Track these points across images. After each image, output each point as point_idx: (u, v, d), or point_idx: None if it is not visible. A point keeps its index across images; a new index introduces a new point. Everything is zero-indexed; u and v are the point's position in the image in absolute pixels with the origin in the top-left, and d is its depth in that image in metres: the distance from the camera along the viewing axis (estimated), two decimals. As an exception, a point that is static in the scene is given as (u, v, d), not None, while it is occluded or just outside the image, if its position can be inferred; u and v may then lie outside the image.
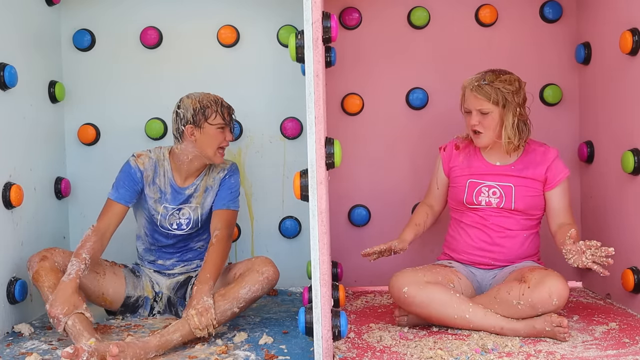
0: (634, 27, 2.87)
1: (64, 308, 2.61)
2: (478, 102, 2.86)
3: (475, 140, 2.93)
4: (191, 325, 2.63)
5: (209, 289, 2.74)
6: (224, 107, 2.97)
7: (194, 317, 2.63)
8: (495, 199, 2.93)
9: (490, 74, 2.90)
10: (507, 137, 2.88)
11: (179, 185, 3.04)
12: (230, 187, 3.05)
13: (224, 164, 3.09)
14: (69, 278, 2.70)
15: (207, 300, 2.69)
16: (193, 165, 3.03)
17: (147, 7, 3.51)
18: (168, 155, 3.06)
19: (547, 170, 2.93)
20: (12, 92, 2.93)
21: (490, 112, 2.86)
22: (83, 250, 2.79)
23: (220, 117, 2.94)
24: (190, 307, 2.68)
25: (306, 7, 2.25)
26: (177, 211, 3.04)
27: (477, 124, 2.88)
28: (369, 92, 3.53)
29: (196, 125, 2.93)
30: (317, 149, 2.28)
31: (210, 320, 2.65)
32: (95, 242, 2.83)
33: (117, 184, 2.99)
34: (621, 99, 3.04)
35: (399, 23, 3.51)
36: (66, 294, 2.65)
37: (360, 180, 3.55)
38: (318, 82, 2.27)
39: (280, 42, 3.51)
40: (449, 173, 3.06)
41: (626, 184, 3.00)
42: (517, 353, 2.48)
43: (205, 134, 2.94)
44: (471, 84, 2.89)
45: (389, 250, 2.91)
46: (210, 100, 2.96)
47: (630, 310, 2.99)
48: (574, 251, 2.65)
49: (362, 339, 2.69)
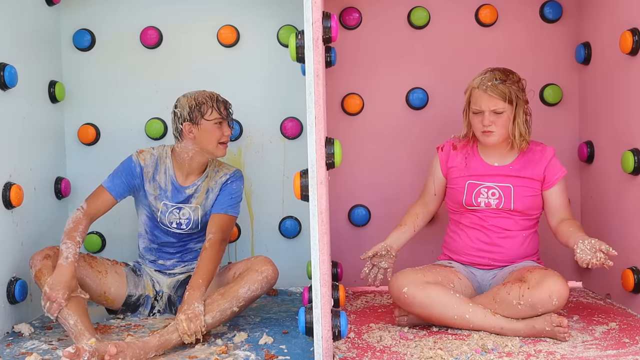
0: (634, 27, 2.87)
1: (65, 293, 2.64)
2: (493, 101, 2.85)
3: (485, 140, 2.91)
4: (179, 330, 2.61)
5: (200, 295, 2.73)
6: (220, 102, 2.97)
7: (182, 323, 2.62)
8: (495, 200, 2.93)
9: (498, 73, 2.88)
10: (520, 133, 2.88)
11: (180, 184, 3.05)
12: (231, 193, 3.04)
13: (228, 170, 3.09)
14: (68, 262, 2.71)
15: (197, 306, 2.68)
16: (194, 162, 3.03)
17: (147, 7, 3.51)
18: (170, 153, 3.07)
19: (545, 169, 2.93)
20: (12, 92, 2.93)
21: (504, 111, 2.85)
22: (77, 233, 2.81)
23: (217, 112, 2.94)
24: (180, 312, 2.67)
25: (306, 7, 2.25)
26: (177, 210, 3.04)
27: (490, 124, 2.86)
28: (369, 92, 3.53)
29: (193, 122, 2.94)
30: (317, 149, 2.28)
31: (199, 327, 2.63)
32: (86, 226, 2.86)
33: (113, 174, 3.01)
34: (621, 99, 3.04)
35: (399, 23, 3.51)
36: (66, 278, 2.68)
37: (360, 180, 3.55)
38: (318, 82, 2.27)
39: (280, 42, 3.51)
40: (447, 173, 3.06)
41: (626, 184, 3.00)
42: (517, 353, 2.48)
43: (203, 130, 2.95)
44: (483, 84, 2.86)
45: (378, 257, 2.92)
46: (206, 97, 2.96)
47: (630, 310, 2.99)
48: (587, 250, 2.65)
49: (362, 339, 2.69)
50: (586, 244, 2.66)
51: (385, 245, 2.93)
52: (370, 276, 2.92)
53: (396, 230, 3.04)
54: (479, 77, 2.90)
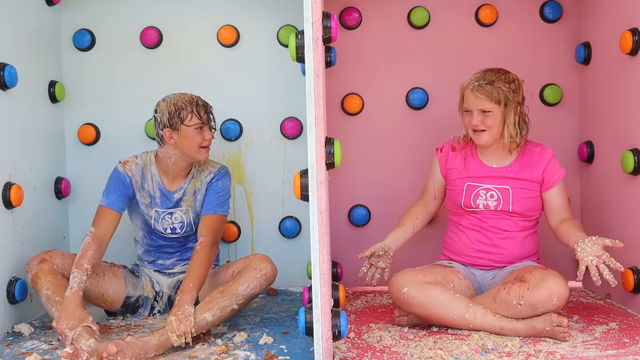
0: (634, 27, 2.87)
1: (69, 323, 2.60)
2: (480, 101, 2.86)
3: (476, 139, 2.92)
4: (168, 330, 2.59)
5: (191, 298, 2.71)
6: (200, 107, 2.95)
7: (172, 323, 2.60)
8: (493, 202, 2.93)
9: (489, 73, 2.90)
10: (510, 135, 2.88)
11: (168, 189, 3.04)
12: (217, 191, 3.03)
13: (213, 167, 3.08)
14: (72, 292, 2.69)
15: (187, 308, 2.67)
16: (178, 166, 3.02)
17: (147, 7, 3.51)
18: (154, 159, 3.06)
19: (544, 171, 2.93)
20: (12, 92, 2.93)
21: (492, 111, 2.86)
22: (84, 260, 2.79)
23: (197, 117, 2.93)
24: (170, 314, 2.66)
25: (306, 7, 2.25)
26: (168, 215, 3.04)
27: (479, 123, 2.87)
28: (369, 92, 3.53)
29: (173, 128, 2.93)
30: (317, 149, 2.28)
31: (188, 328, 2.61)
32: (95, 250, 2.84)
33: (107, 191, 2.99)
34: (621, 99, 3.04)
35: (399, 23, 3.51)
36: (70, 308, 2.64)
37: (360, 180, 3.55)
38: (318, 82, 2.27)
39: (280, 42, 3.51)
40: (446, 175, 3.06)
41: (626, 184, 3.00)
42: (517, 353, 2.48)
43: (184, 136, 2.93)
44: (471, 84, 2.89)
45: (376, 257, 2.93)
46: (185, 102, 2.94)
47: (630, 310, 2.99)
48: (588, 248, 2.65)
49: (362, 339, 2.69)
50: (587, 242, 2.66)
51: (383, 245, 2.94)
52: (367, 275, 2.92)
53: (395, 230, 3.04)
54: (469, 77, 2.92)
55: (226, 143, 3.55)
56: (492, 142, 2.92)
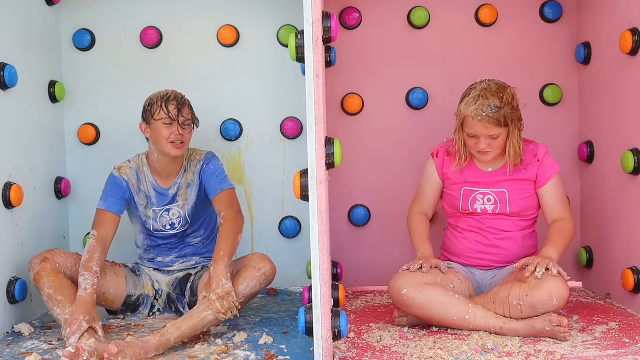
0: (634, 27, 2.87)
1: (85, 316, 2.62)
2: (488, 130, 2.80)
3: (482, 158, 2.90)
4: (213, 310, 2.64)
5: (224, 267, 2.75)
6: (169, 102, 2.97)
7: (215, 303, 2.65)
8: (491, 206, 2.93)
9: (491, 97, 2.79)
10: (515, 151, 2.87)
11: (162, 187, 3.07)
12: (214, 173, 3.06)
13: (200, 155, 3.11)
14: (87, 293, 2.72)
15: (226, 283, 2.70)
16: (164, 163, 3.05)
17: (147, 7, 3.51)
18: (146, 160, 3.10)
19: (537, 168, 2.93)
20: (12, 92, 2.93)
21: (500, 135, 2.84)
22: (92, 263, 2.81)
23: (164, 112, 2.96)
24: (210, 292, 2.68)
25: (306, 7, 2.25)
26: (166, 212, 3.07)
27: (486, 147, 2.84)
28: (369, 92, 3.53)
29: (146, 122, 3.01)
30: (317, 149, 2.28)
31: (232, 303, 2.67)
32: (101, 252, 2.87)
33: (105, 195, 3.02)
34: (621, 99, 3.04)
35: (399, 23, 3.51)
36: (87, 307, 2.67)
37: (360, 180, 3.55)
38: (318, 82, 2.27)
39: (280, 42, 3.51)
40: (444, 179, 3.05)
41: (626, 184, 3.00)
42: (517, 353, 2.48)
43: (154, 130, 2.99)
44: (478, 114, 2.78)
45: None
46: (159, 97, 2.99)
47: (630, 310, 2.99)
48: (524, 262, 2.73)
49: (362, 339, 2.69)
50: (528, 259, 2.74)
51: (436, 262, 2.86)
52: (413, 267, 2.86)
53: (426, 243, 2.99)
54: (473, 106, 2.80)
55: (226, 143, 3.55)
56: (496, 158, 2.92)
